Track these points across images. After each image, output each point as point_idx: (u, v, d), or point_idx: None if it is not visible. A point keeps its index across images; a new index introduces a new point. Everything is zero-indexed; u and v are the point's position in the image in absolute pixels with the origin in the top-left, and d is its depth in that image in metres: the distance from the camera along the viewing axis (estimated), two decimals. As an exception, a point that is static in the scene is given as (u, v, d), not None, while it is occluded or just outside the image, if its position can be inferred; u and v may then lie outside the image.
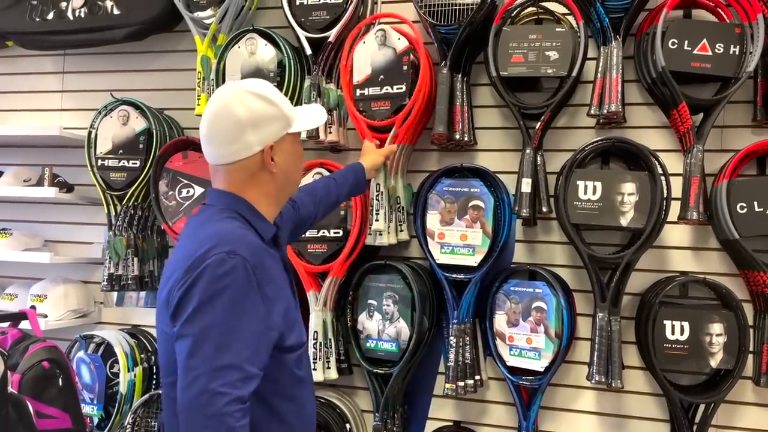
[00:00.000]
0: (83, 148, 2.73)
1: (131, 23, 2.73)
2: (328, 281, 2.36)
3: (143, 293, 2.88)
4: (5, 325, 2.08)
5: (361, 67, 2.36)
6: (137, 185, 2.65)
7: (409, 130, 2.32)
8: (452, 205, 2.29)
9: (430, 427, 2.47)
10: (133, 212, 2.67)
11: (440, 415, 2.49)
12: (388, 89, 2.32)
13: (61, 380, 1.92)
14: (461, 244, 2.26)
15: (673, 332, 2.10)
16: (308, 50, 2.45)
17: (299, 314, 1.60)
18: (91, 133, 2.73)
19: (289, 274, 1.62)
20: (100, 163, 2.69)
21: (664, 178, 2.10)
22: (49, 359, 1.91)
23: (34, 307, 2.73)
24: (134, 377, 2.61)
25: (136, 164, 2.66)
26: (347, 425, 2.39)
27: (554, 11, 2.36)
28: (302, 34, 2.46)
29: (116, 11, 2.74)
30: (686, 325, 2.10)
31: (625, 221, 2.11)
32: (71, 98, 3.05)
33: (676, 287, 2.20)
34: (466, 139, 2.36)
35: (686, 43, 2.12)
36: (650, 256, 2.26)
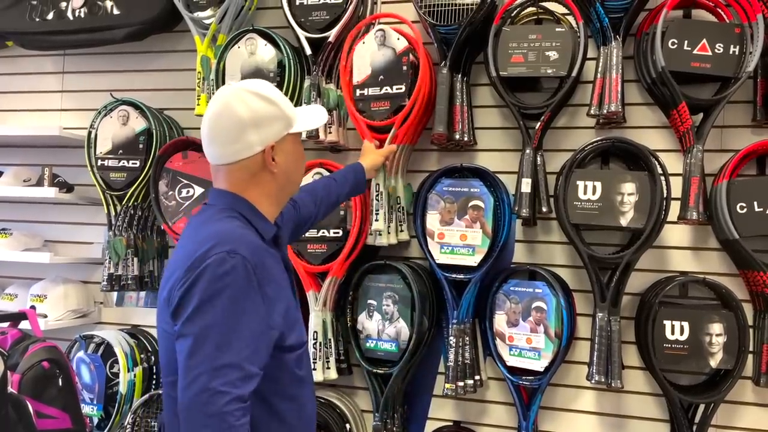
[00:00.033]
0: (83, 148, 2.73)
1: (131, 23, 2.73)
2: (327, 281, 2.36)
3: (143, 293, 2.87)
4: (5, 325, 2.08)
5: (360, 67, 2.36)
6: (137, 185, 2.65)
7: (408, 130, 2.32)
8: (452, 205, 2.29)
9: (429, 427, 2.47)
10: (132, 212, 2.68)
11: (440, 415, 2.49)
12: (387, 89, 2.32)
13: (60, 380, 1.92)
14: (461, 244, 2.26)
15: (672, 332, 2.10)
16: (308, 50, 2.45)
17: (300, 314, 1.60)
18: (91, 133, 2.73)
19: (289, 273, 1.63)
20: (99, 163, 2.69)
21: (663, 178, 2.10)
22: (48, 359, 1.91)
23: (33, 307, 2.73)
24: (134, 377, 2.61)
25: (135, 164, 2.66)
26: (347, 425, 2.39)
27: (554, 11, 2.36)
28: (302, 34, 2.46)
29: (116, 11, 2.74)
30: (686, 325, 2.10)
31: (624, 221, 2.11)
32: (71, 98, 3.04)
33: (675, 287, 2.20)
34: (465, 139, 2.36)
35: (686, 43, 2.12)
36: (650, 256, 2.26)
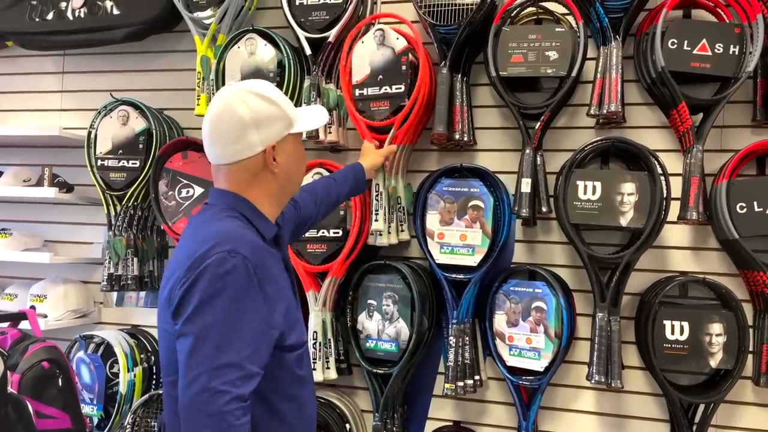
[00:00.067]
0: (83, 148, 2.73)
1: (131, 23, 2.73)
2: (327, 281, 2.36)
3: (143, 293, 2.88)
4: (5, 325, 2.08)
5: (359, 66, 2.35)
6: (137, 185, 2.65)
7: (408, 131, 2.32)
8: (452, 205, 2.29)
9: (429, 427, 2.47)
10: (132, 212, 2.67)
11: (440, 415, 2.49)
12: (387, 89, 2.32)
13: (60, 380, 1.92)
14: (461, 244, 2.26)
15: (672, 332, 2.10)
16: (308, 50, 2.45)
17: (300, 314, 1.60)
18: (90, 133, 2.73)
19: (290, 273, 1.63)
20: (99, 163, 2.69)
21: (663, 178, 2.10)
22: (48, 359, 1.91)
23: (33, 307, 2.72)
24: (134, 377, 2.61)
25: (135, 164, 2.66)
26: (347, 425, 2.39)
27: (554, 11, 2.36)
28: (302, 34, 2.46)
29: (116, 11, 2.74)
30: (686, 325, 2.10)
31: (624, 221, 2.11)
32: (71, 98, 3.04)
33: (675, 287, 2.20)
34: (465, 139, 2.36)
35: (686, 43, 2.12)
36: (650, 256, 2.26)
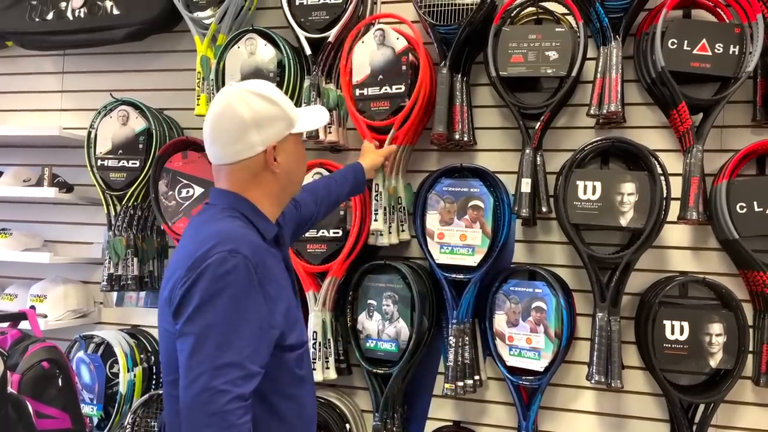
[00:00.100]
0: (83, 148, 2.73)
1: (131, 23, 2.73)
2: (327, 281, 2.35)
3: (143, 293, 2.88)
4: (5, 325, 2.08)
5: (360, 66, 2.35)
6: (137, 185, 2.65)
7: (408, 131, 2.32)
8: (452, 205, 2.29)
9: (429, 427, 2.47)
10: (132, 212, 2.67)
11: (440, 415, 2.49)
12: (387, 89, 2.32)
13: (60, 380, 1.92)
14: (461, 244, 2.26)
15: (672, 332, 2.10)
16: (308, 50, 2.45)
17: (300, 314, 1.60)
18: (90, 133, 2.73)
19: (290, 273, 1.63)
20: (99, 163, 2.69)
21: (663, 178, 2.10)
22: (48, 359, 1.91)
23: (33, 307, 2.73)
24: (134, 377, 2.61)
25: (135, 164, 2.66)
26: (347, 425, 2.39)
27: (554, 11, 2.36)
28: (302, 34, 2.46)
29: (116, 11, 2.74)
30: (686, 325, 2.10)
31: (624, 221, 2.11)
32: (71, 98, 3.04)
33: (675, 287, 2.20)
34: (465, 139, 2.36)
35: (686, 43, 2.12)
36: (650, 256, 2.26)
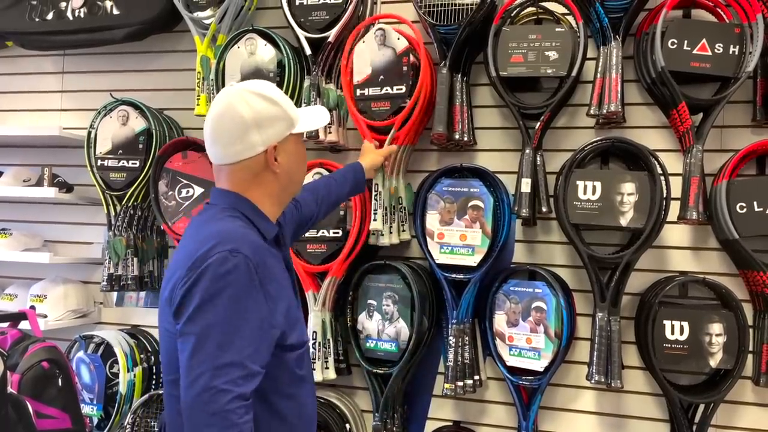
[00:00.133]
0: (83, 148, 2.72)
1: (131, 23, 2.73)
2: (327, 281, 2.35)
3: (143, 293, 2.88)
4: (5, 325, 2.08)
5: (360, 67, 2.35)
6: (137, 185, 2.65)
7: (409, 132, 2.32)
8: (452, 205, 2.29)
9: (429, 427, 2.47)
10: (132, 212, 2.67)
11: (440, 415, 2.49)
12: (387, 90, 2.32)
13: (60, 380, 1.92)
14: (460, 244, 2.26)
15: (672, 332, 2.10)
16: (308, 50, 2.45)
17: (301, 313, 1.60)
18: (90, 133, 2.73)
19: (291, 273, 1.63)
20: (99, 163, 2.69)
21: (663, 178, 2.10)
22: (48, 359, 1.91)
23: (33, 307, 2.72)
24: (134, 377, 2.61)
25: (135, 164, 2.66)
26: (347, 425, 2.39)
27: (554, 11, 2.36)
28: (302, 34, 2.46)
29: (116, 11, 2.74)
30: (686, 325, 2.10)
31: (624, 221, 2.11)
32: (71, 98, 3.04)
33: (675, 287, 2.20)
34: (465, 139, 2.36)
35: (686, 43, 2.12)
36: (650, 256, 2.26)
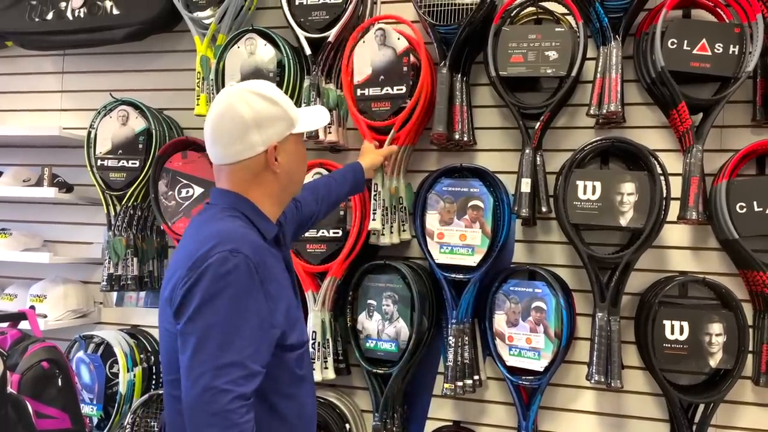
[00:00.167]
0: (83, 148, 2.72)
1: (131, 23, 2.73)
2: (326, 281, 2.35)
3: (143, 293, 2.87)
4: (5, 325, 2.07)
5: (361, 67, 2.35)
6: (137, 185, 2.65)
7: (410, 132, 2.32)
8: (451, 205, 2.29)
9: (429, 426, 2.47)
10: (132, 212, 2.67)
11: (440, 414, 2.49)
12: (388, 90, 2.31)
13: (60, 380, 1.92)
14: (460, 244, 2.26)
15: (672, 332, 2.10)
16: (308, 50, 2.44)
17: (301, 313, 1.60)
18: (90, 133, 2.73)
19: (291, 273, 1.63)
20: (99, 163, 2.69)
21: (663, 177, 2.10)
22: (48, 359, 1.91)
23: (33, 307, 2.72)
24: (134, 377, 2.61)
25: (135, 164, 2.66)
26: (347, 425, 2.39)
27: (553, 11, 2.36)
28: (302, 34, 2.46)
29: (116, 11, 2.74)
30: (686, 325, 2.10)
31: (624, 221, 2.11)
32: (71, 98, 3.04)
33: (675, 287, 2.20)
34: (465, 139, 2.36)
35: (685, 42, 2.12)
36: (650, 255, 2.26)
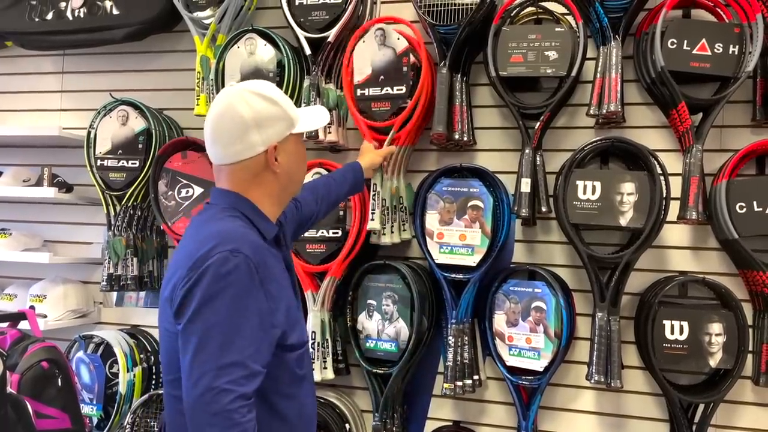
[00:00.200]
0: (82, 148, 2.72)
1: (130, 23, 2.73)
2: (326, 281, 2.35)
3: (143, 293, 2.87)
4: (4, 325, 2.08)
5: (361, 67, 2.35)
6: (136, 185, 2.65)
7: (410, 132, 2.32)
8: (451, 205, 2.29)
9: (429, 426, 2.47)
10: (132, 212, 2.67)
11: (440, 414, 2.49)
12: (388, 90, 2.31)
13: (60, 380, 1.92)
14: (460, 244, 2.26)
15: (672, 332, 2.10)
16: (307, 50, 2.44)
17: (301, 313, 1.61)
18: (90, 133, 2.73)
19: (291, 273, 1.63)
20: (99, 163, 2.69)
21: (663, 177, 2.10)
22: (48, 359, 1.91)
23: (33, 307, 2.72)
24: (133, 377, 2.61)
25: (135, 164, 2.66)
26: (347, 425, 2.39)
27: (553, 11, 2.36)
28: (301, 34, 2.46)
29: (115, 11, 2.74)
30: (685, 324, 2.10)
31: (624, 221, 2.11)
32: (70, 98, 3.04)
33: (675, 287, 2.20)
34: (465, 139, 2.36)
35: (685, 42, 2.12)
36: (649, 255, 2.26)
